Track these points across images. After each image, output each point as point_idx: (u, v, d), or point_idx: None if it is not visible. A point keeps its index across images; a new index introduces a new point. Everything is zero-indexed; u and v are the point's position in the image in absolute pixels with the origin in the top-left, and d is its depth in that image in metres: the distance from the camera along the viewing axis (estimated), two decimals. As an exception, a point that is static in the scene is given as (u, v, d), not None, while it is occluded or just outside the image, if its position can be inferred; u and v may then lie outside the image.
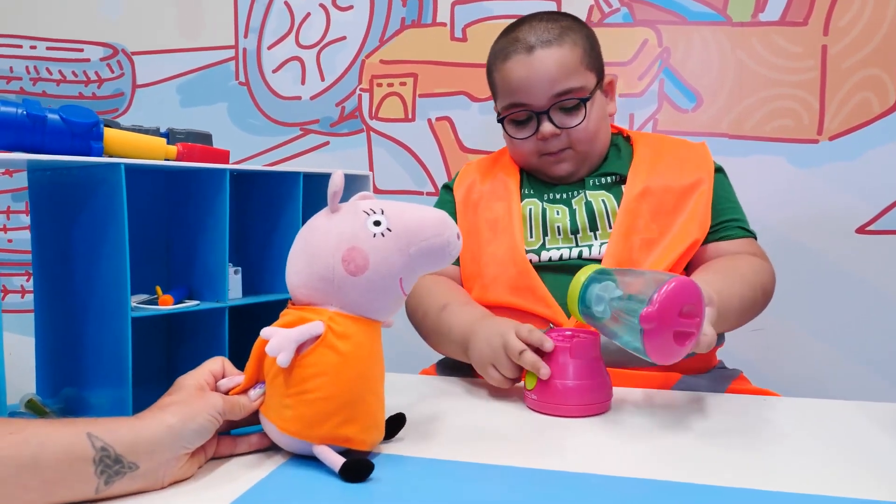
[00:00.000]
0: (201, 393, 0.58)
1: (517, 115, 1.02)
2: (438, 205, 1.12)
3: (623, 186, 0.99)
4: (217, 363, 0.63)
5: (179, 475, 0.55)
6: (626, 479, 0.58)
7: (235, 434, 0.64)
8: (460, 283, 1.04)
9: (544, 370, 0.75)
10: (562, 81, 0.98)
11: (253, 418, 0.62)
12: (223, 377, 0.62)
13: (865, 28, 1.32)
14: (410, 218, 0.61)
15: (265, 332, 0.58)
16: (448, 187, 1.13)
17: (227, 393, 0.61)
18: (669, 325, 0.65)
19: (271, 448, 0.64)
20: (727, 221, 0.99)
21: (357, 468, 0.56)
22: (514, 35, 1.02)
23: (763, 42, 1.37)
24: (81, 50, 1.66)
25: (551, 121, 0.99)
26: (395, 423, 0.67)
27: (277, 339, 0.57)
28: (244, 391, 0.62)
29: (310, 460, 0.61)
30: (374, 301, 0.61)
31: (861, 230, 1.34)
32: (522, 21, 1.04)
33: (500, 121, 1.05)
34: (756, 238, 1.01)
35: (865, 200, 1.34)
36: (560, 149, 1.01)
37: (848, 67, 1.34)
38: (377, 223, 0.60)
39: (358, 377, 0.59)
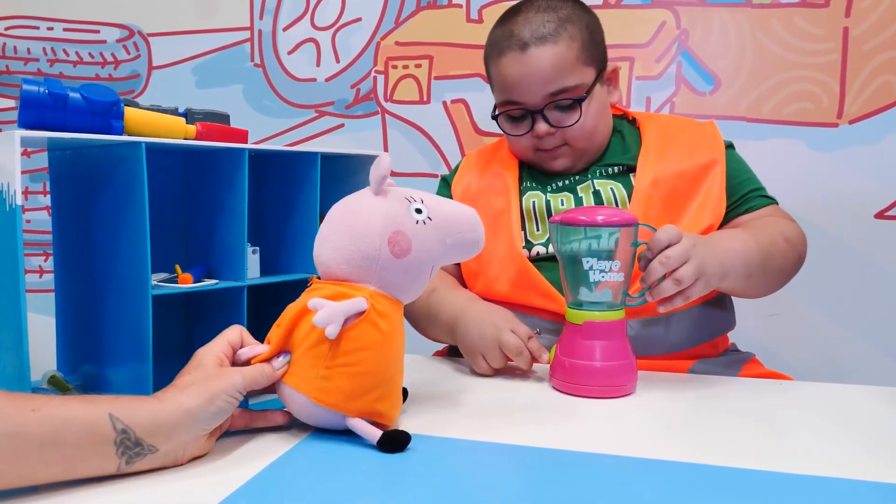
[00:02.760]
0: (220, 370, 0.58)
1: (512, 112, 1.00)
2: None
3: (631, 175, 0.98)
4: (235, 333, 0.63)
5: (198, 452, 0.56)
6: (645, 461, 0.58)
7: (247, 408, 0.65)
8: (455, 275, 1.04)
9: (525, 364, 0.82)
10: (556, 81, 0.95)
11: (269, 388, 0.62)
12: (241, 346, 0.63)
13: (888, 10, 1.30)
14: (448, 211, 0.65)
15: (313, 302, 0.59)
16: (446, 181, 1.12)
17: (247, 362, 0.61)
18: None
19: (288, 425, 0.65)
20: (747, 193, 0.97)
21: (396, 439, 0.58)
22: (509, 28, 0.98)
23: (783, 24, 1.35)
24: (98, 31, 1.66)
25: (546, 120, 0.97)
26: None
27: (327, 311, 0.58)
28: (267, 360, 0.61)
29: (329, 435, 0.62)
30: (409, 284, 0.64)
31: (880, 215, 1.33)
32: (520, 9, 1.00)
33: (495, 117, 1.03)
34: (778, 203, 0.99)
35: (885, 185, 1.32)
36: (556, 146, 0.99)
37: (870, 50, 1.32)
38: (419, 211, 0.63)
39: (394, 356, 0.62)
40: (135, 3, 1.64)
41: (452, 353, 1.01)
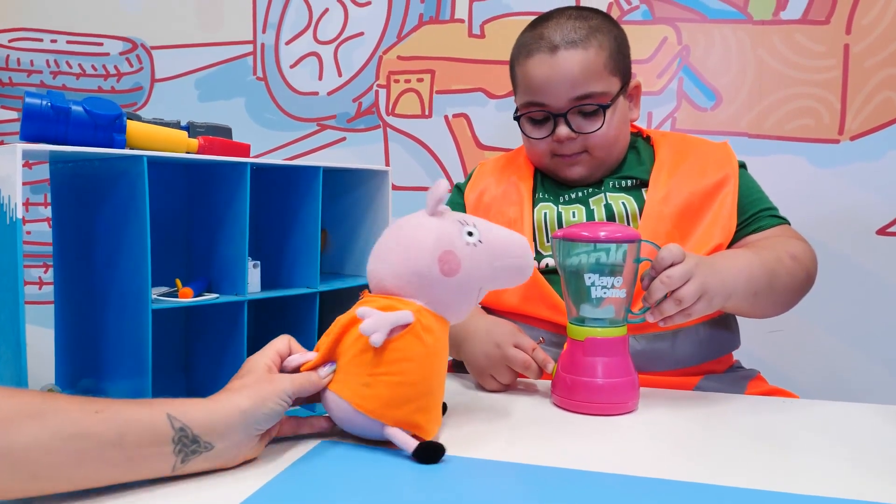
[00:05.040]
0: (271, 376, 0.61)
1: (534, 114, 1.01)
2: (448, 205, 1.11)
3: (644, 190, 0.98)
4: (283, 342, 0.65)
5: (250, 454, 0.58)
6: (650, 480, 0.58)
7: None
8: None
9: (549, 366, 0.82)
10: (583, 85, 0.96)
11: (315, 396, 0.65)
12: (290, 355, 0.65)
13: (889, 27, 1.31)
14: (499, 235, 0.68)
15: (362, 310, 0.61)
16: (459, 188, 1.12)
17: (296, 369, 0.64)
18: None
19: (334, 432, 0.67)
20: (758, 213, 0.97)
21: (431, 449, 0.59)
22: (539, 31, 1.00)
23: (784, 40, 1.35)
24: (101, 44, 1.67)
25: (568, 124, 0.98)
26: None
27: (374, 320, 0.60)
28: (314, 368, 0.64)
29: (346, 442, 0.64)
30: (457, 303, 0.66)
31: (882, 231, 1.32)
32: (551, 16, 1.02)
33: (517, 118, 1.04)
34: (790, 224, 0.99)
35: (886, 201, 1.32)
36: (575, 152, 0.99)
37: (870, 66, 1.32)
38: (470, 234, 0.65)
39: (436, 370, 0.63)
40: (138, 16, 1.65)
41: (457, 367, 1.01)
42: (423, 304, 0.64)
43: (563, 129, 0.98)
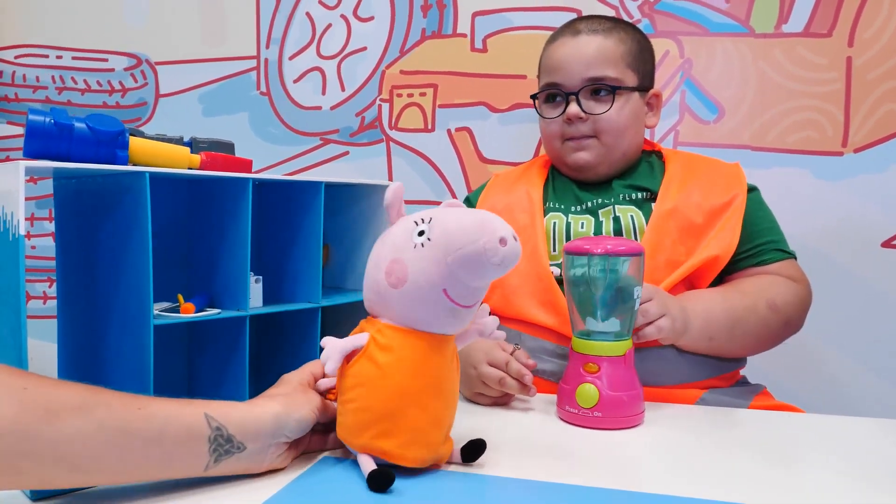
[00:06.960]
0: (304, 389, 0.64)
1: (550, 93, 1.05)
2: None
3: (653, 204, 0.98)
4: (318, 366, 0.68)
5: (277, 462, 0.60)
6: (657, 497, 0.57)
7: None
8: None
9: (528, 388, 0.81)
10: (597, 67, 1.00)
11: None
12: (323, 377, 0.68)
13: (891, 40, 1.31)
14: (449, 225, 0.57)
15: (323, 340, 0.61)
16: (469, 200, 1.12)
17: (324, 393, 0.66)
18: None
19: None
20: (765, 244, 0.97)
21: (378, 479, 0.57)
22: (569, 23, 1.07)
23: (786, 53, 1.35)
24: (106, 60, 1.68)
25: (579, 104, 1.01)
26: (474, 449, 0.64)
27: (328, 349, 0.59)
28: (335, 397, 0.66)
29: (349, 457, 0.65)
30: (419, 313, 0.59)
31: (886, 244, 1.32)
32: (585, 17, 1.09)
33: (534, 97, 1.08)
34: (795, 258, 0.99)
35: (891, 214, 1.31)
36: (584, 135, 1.02)
37: (873, 79, 1.32)
38: (421, 233, 0.59)
39: (397, 391, 0.59)
40: (142, 32, 1.66)
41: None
42: (387, 321, 0.61)
43: (573, 108, 1.01)
